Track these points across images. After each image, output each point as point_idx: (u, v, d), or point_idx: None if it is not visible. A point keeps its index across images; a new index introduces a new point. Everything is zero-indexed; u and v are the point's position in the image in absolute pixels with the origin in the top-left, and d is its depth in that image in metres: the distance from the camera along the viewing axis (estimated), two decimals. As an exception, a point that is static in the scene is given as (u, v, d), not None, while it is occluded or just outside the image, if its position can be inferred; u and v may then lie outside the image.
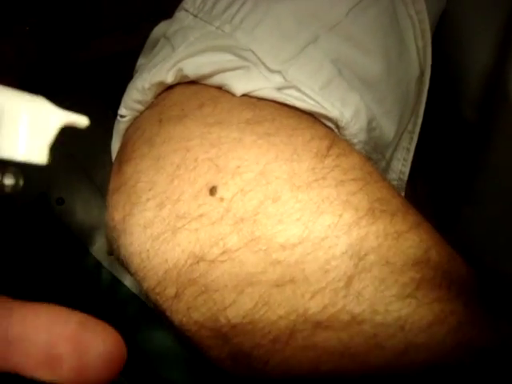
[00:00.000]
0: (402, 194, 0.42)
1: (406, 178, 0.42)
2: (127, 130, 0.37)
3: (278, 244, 0.26)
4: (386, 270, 0.25)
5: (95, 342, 0.17)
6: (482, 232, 0.47)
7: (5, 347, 0.17)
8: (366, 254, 0.25)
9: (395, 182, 0.42)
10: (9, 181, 0.17)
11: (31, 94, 0.17)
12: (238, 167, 0.28)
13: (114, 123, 0.38)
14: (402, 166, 0.42)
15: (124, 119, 0.37)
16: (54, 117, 0.17)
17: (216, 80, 0.33)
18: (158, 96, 0.35)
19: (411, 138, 0.41)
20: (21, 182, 0.18)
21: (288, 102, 0.32)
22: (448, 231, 0.30)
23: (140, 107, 0.35)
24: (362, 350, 0.24)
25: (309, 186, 0.27)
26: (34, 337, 0.17)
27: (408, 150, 0.41)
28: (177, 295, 0.28)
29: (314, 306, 0.24)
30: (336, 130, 0.34)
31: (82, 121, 0.18)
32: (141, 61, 0.40)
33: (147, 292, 0.30)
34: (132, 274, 0.32)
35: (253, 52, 0.32)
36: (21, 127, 0.17)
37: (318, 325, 0.24)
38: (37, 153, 0.17)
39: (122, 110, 0.36)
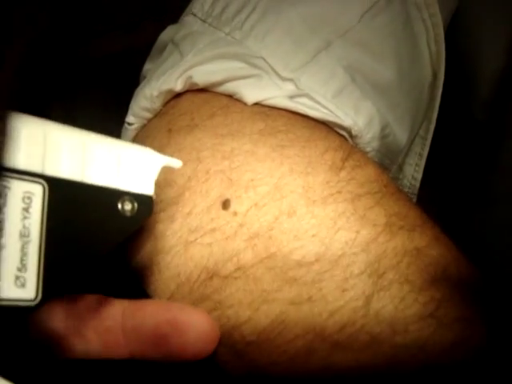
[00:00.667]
0: (415, 199, 0.41)
1: (418, 184, 0.41)
2: (135, 138, 0.36)
3: (294, 261, 0.25)
4: (405, 288, 0.24)
5: (192, 324, 0.22)
6: (495, 234, 0.46)
7: (122, 338, 0.22)
8: (384, 272, 0.25)
9: (407, 189, 0.41)
10: (127, 206, 0.23)
11: (139, 145, 0.24)
12: (252, 180, 0.28)
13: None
14: (414, 171, 0.41)
15: (132, 127, 0.36)
16: (157, 159, 0.25)
17: (227, 88, 0.32)
18: (166, 104, 0.34)
19: (423, 144, 0.40)
20: (136, 207, 0.23)
21: (301, 111, 0.31)
22: (456, 234, 0.29)
23: (148, 115, 0.35)
24: (381, 372, 0.23)
25: (324, 201, 0.26)
26: (145, 324, 0.22)
27: (420, 155, 0.41)
28: None
29: (331, 326, 0.24)
30: (349, 139, 0.33)
31: (175, 163, 0.25)
32: (147, 66, 0.39)
33: None
34: (145, 287, 0.31)
35: (264, 59, 0.32)
36: (134, 168, 0.24)
37: (336, 345, 0.24)
38: (146, 187, 0.24)
39: (129, 118, 0.36)
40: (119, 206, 0.23)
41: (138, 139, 0.36)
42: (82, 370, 0.24)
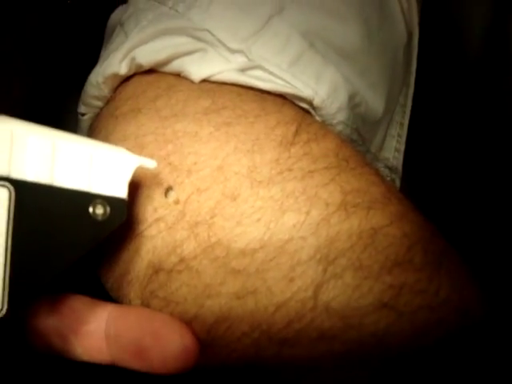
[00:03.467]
0: (399, 175, 0.37)
1: (401, 156, 0.38)
2: (89, 128, 0.34)
3: (237, 250, 0.23)
4: (359, 275, 0.21)
5: (174, 337, 0.21)
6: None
7: (104, 344, 0.22)
8: (336, 258, 0.22)
9: (389, 162, 0.38)
10: (99, 210, 0.22)
11: (112, 145, 0.23)
12: (195, 164, 0.25)
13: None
14: (396, 142, 0.38)
15: (85, 117, 0.34)
16: (131, 160, 0.23)
17: (173, 66, 0.29)
18: (115, 90, 0.32)
19: (404, 112, 0.37)
20: (108, 211, 0.22)
21: (252, 85, 0.28)
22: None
23: (98, 103, 0.32)
24: (334, 370, 0.20)
25: (271, 181, 0.24)
26: (127, 334, 0.22)
27: (402, 124, 0.37)
28: None
29: (278, 321, 0.21)
30: (312, 111, 0.30)
31: (149, 163, 0.23)
32: (102, 52, 0.37)
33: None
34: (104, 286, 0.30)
35: (209, 31, 0.29)
36: (106, 170, 0.22)
37: (284, 342, 0.21)
38: (119, 189, 0.22)
39: (81, 108, 0.34)
40: (90, 209, 0.22)
41: (91, 129, 0.33)
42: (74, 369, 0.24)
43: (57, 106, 0.46)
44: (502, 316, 0.22)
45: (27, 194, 0.20)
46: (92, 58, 0.35)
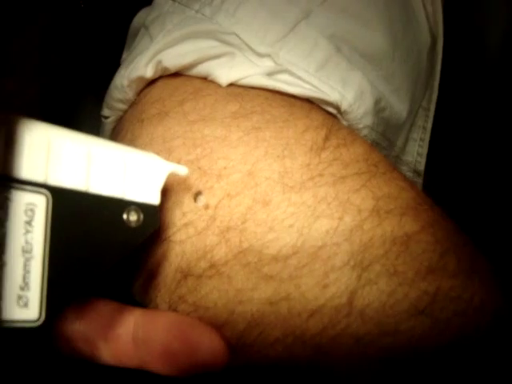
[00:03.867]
0: (420, 179, 0.37)
1: (423, 160, 0.38)
2: (113, 131, 0.34)
3: (270, 256, 0.23)
4: (394, 281, 0.21)
5: (203, 342, 0.21)
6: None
7: (132, 348, 0.21)
8: (370, 264, 0.22)
9: (412, 166, 0.38)
10: (132, 217, 0.21)
11: (144, 151, 0.23)
12: (225, 168, 0.25)
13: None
14: (418, 146, 0.38)
15: (108, 120, 0.34)
16: (163, 167, 0.23)
17: (200, 70, 0.29)
18: (140, 93, 0.32)
19: (427, 116, 0.37)
20: (141, 218, 0.22)
21: (280, 89, 0.28)
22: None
23: (123, 106, 0.32)
24: (370, 378, 0.20)
25: (303, 186, 0.24)
26: (155, 338, 0.21)
27: (424, 128, 0.37)
28: None
29: (312, 327, 0.21)
30: (339, 116, 0.30)
31: (181, 169, 0.23)
32: (124, 55, 0.37)
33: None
34: (132, 291, 0.30)
35: (237, 35, 0.29)
36: (140, 176, 0.22)
37: (319, 349, 0.21)
38: (152, 196, 0.22)
39: (104, 111, 0.34)
40: (124, 216, 0.21)
41: (115, 132, 0.34)
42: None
43: (71, 107, 0.47)
44: None
45: (64, 201, 0.20)
46: (107, 59, 0.35)
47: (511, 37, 0.38)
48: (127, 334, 0.22)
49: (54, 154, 0.20)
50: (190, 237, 0.24)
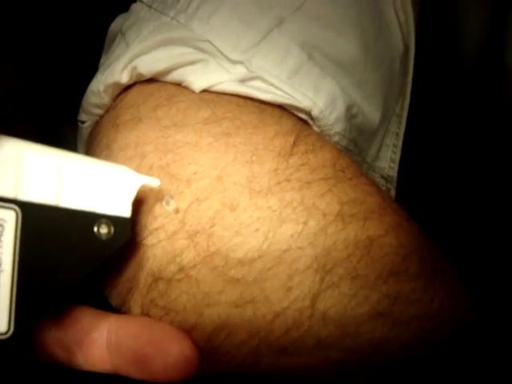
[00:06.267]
0: (394, 185, 0.38)
1: (396, 166, 0.38)
2: (89, 136, 0.34)
3: (236, 259, 0.23)
4: (356, 284, 0.22)
5: (173, 346, 0.21)
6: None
7: (106, 353, 0.22)
8: (333, 267, 0.22)
9: (385, 172, 0.38)
10: (103, 230, 0.22)
11: (116, 164, 0.23)
12: (195, 173, 0.26)
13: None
14: (391, 152, 0.38)
15: (85, 125, 0.34)
16: (134, 180, 0.23)
17: (174, 76, 0.30)
18: (116, 98, 0.32)
19: (399, 122, 0.37)
20: (112, 230, 0.22)
21: (252, 95, 0.29)
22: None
23: (99, 111, 0.33)
24: (331, 378, 0.21)
25: (270, 191, 0.24)
26: (127, 343, 0.22)
27: (397, 134, 0.38)
28: None
29: (276, 329, 0.22)
30: (310, 122, 0.30)
31: (153, 182, 0.24)
32: (101, 60, 0.37)
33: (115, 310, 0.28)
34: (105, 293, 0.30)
35: (210, 42, 0.29)
36: (111, 189, 0.22)
37: (282, 350, 0.21)
38: (123, 208, 0.23)
39: (81, 116, 0.34)
40: (95, 229, 0.22)
41: (91, 137, 0.34)
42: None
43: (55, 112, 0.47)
44: (493, 323, 0.23)
45: (33, 215, 0.20)
46: (90, 65, 0.35)
47: (485, 43, 0.39)
48: (101, 340, 0.22)
49: (23, 169, 0.20)
50: (161, 240, 0.25)
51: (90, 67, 0.35)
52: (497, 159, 0.41)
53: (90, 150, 0.32)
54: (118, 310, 0.27)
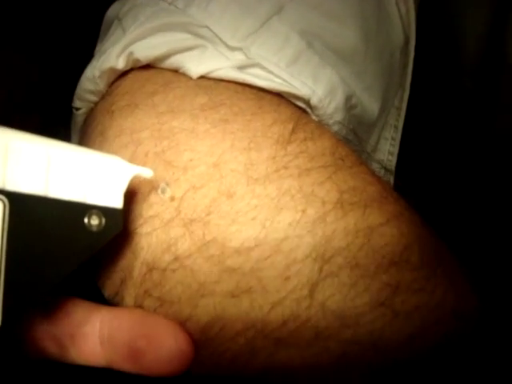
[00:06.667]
0: (392, 178, 0.38)
1: (395, 159, 0.38)
2: (84, 123, 0.34)
3: (232, 248, 0.22)
4: (355, 274, 0.21)
5: (167, 338, 0.21)
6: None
7: (98, 347, 0.21)
8: (332, 256, 0.22)
9: (383, 164, 0.38)
10: (94, 221, 0.21)
11: (108, 153, 0.22)
12: (191, 160, 0.25)
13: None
14: (390, 145, 0.38)
15: (79, 112, 0.34)
16: (127, 170, 0.22)
17: (171, 62, 0.29)
18: (111, 84, 0.31)
19: (398, 115, 0.37)
20: (103, 222, 0.21)
21: (250, 82, 0.28)
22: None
23: (94, 98, 0.32)
24: (330, 370, 0.20)
25: (267, 179, 0.24)
26: (120, 336, 0.21)
27: (396, 127, 0.37)
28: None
29: (273, 320, 0.21)
30: (309, 111, 0.30)
31: (146, 172, 0.23)
32: (97, 47, 0.37)
33: (109, 301, 0.27)
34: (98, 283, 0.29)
35: (209, 28, 0.29)
36: (102, 180, 0.22)
37: (279, 342, 0.21)
38: (115, 199, 0.22)
39: (75, 102, 0.33)
40: (86, 220, 0.21)
41: (86, 124, 0.33)
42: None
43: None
44: (495, 316, 0.22)
45: (22, 206, 0.20)
46: (86, 53, 0.35)
47: (486, 36, 0.38)
48: (94, 333, 0.22)
49: (11, 159, 0.20)
50: (156, 229, 0.24)
51: (86, 55, 0.34)
52: (495, 154, 0.41)
53: (84, 137, 0.32)
54: (111, 300, 0.27)
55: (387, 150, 0.38)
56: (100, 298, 0.26)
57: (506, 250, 0.38)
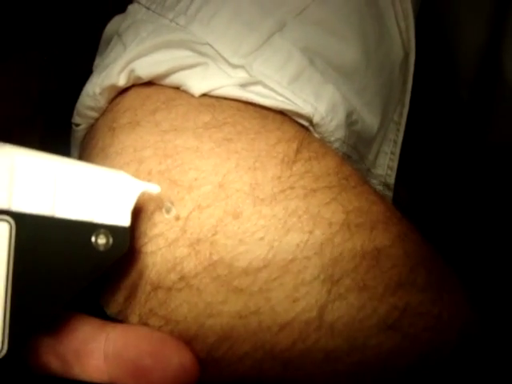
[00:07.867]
0: (391, 193, 0.38)
1: (394, 173, 0.38)
2: (83, 139, 0.33)
3: (240, 268, 0.22)
4: (364, 296, 0.21)
5: (173, 357, 0.21)
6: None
7: (103, 363, 0.21)
8: (340, 278, 0.22)
9: (382, 179, 0.38)
10: (101, 240, 0.21)
11: (114, 169, 0.22)
12: (195, 180, 0.25)
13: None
14: (389, 160, 0.38)
15: (79, 128, 0.33)
16: (134, 186, 0.22)
17: (173, 80, 0.29)
18: (112, 101, 0.31)
19: (398, 130, 0.37)
20: (110, 241, 0.21)
21: (253, 100, 0.28)
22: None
23: (94, 114, 0.32)
24: None
25: (274, 199, 0.24)
26: (125, 353, 0.21)
27: (395, 142, 0.38)
28: None
29: (282, 342, 0.21)
30: (311, 128, 0.30)
31: (153, 188, 0.22)
32: (96, 61, 0.36)
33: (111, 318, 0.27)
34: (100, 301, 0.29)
35: (211, 46, 0.29)
36: (109, 197, 0.21)
37: (288, 364, 0.21)
38: (122, 217, 0.21)
39: (75, 118, 0.33)
40: (93, 240, 0.21)
41: (86, 140, 0.33)
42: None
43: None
44: (494, 331, 0.23)
45: (28, 227, 0.19)
46: (85, 66, 0.35)
47: (483, 50, 0.39)
48: (99, 350, 0.21)
49: (17, 178, 0.19)
50: (161, 248, 0.24)
51: (85, 69, 0.34)
52: (494, 166, 0.41)
53: (84, 154, 0.31)
54: (113, 318, 0.26)
55: (386, 164, 0.38)
56: (101, 314, 0.26)
57: (502, 258, 0.39)
